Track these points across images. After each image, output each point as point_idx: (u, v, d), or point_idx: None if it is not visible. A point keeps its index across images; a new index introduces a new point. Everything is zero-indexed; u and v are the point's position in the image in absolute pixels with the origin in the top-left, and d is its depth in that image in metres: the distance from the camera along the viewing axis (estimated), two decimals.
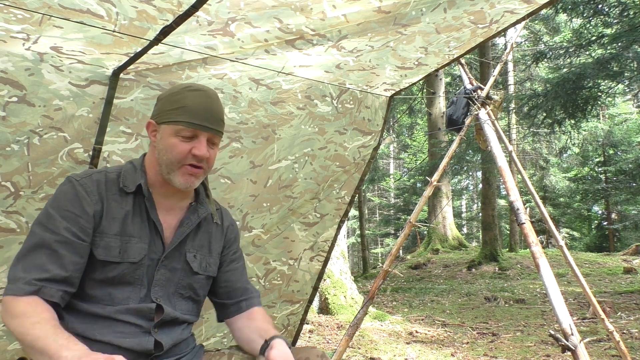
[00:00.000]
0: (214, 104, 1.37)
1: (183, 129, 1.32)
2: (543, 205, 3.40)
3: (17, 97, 1.63)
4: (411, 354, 4.50)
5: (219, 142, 1.41)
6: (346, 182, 2.66)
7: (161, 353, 1.33)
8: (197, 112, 1.33)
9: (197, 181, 1.38)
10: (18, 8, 1.39)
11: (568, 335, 2.10)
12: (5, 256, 1.79)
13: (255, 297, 1.56)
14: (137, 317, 1.31)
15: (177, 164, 1.33)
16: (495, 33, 1.96)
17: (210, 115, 1.34)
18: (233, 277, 1.54)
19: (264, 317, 1.51)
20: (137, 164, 1.41)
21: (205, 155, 1.34)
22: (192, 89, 1.37)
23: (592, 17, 7.67)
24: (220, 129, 1.38)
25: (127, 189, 1.35)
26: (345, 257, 6.83)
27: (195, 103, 1.33)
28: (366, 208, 22.22)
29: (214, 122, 1.35)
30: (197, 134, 1.33)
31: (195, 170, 1.35)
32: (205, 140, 1.34)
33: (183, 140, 1.33)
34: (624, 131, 14.38)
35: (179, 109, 1.33)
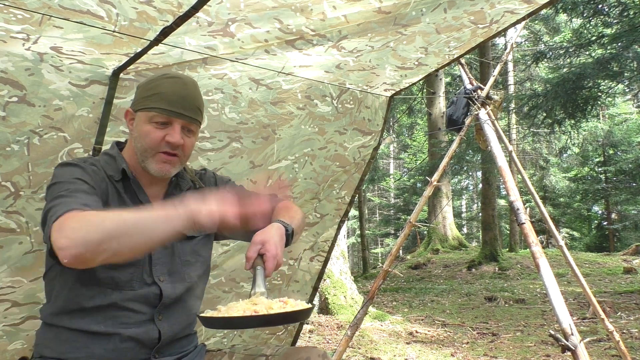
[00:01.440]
0: (190, 92, 1.35)
1: (156, 115, 1.31)
2: (543, 205, 3.40)
3: (17, 97, 1.63)
4: (411, 354, 4.50)
5: (196, 130, 1.39)
6: (346, 182, 2.67)
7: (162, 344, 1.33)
8: (171, 98, 1.32)
9: (172, 169, 1.36)
10: (18, 8, 1.39)
11: (568, 335, 2.10)
12: (5, 256, 1.79)
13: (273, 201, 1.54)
14: (141, 303, 1.30)
15: (151, 151, 1.33)
16: (495, 33, 1.96)
17: (185, 102, 1.33)
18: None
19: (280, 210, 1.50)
20: (115, 153, 1.40)
21: (179, 142, 1.32)
22: (169, 77, 1.36)
23: (592, 17, 7.67)
24: (195, 117, 1.36)
25: (115, 177, 1.35)
26: (345, 257, 6.83)
27: (170, 90, 1.33)
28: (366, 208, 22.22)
29: (188, 109, 1.34)
30: (171, 121, 1.32)
31: (170, 158, 1.34)
32: (180, 128, 1.33)
33: (157, 127, 1.32)
34: (624, 131, 14.38)
35: (154, 96, 1.32)
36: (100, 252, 1.04)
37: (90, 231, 1.05)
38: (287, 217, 1.41)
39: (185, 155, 1.38)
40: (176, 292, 1.36)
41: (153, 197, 1.41)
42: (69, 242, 1.05)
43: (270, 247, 1.25)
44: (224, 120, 2.11)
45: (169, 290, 1.34)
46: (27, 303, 1.89)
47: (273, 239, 1.27)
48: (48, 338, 1.30)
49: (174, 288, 1.36)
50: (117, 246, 1.05)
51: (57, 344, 1.28)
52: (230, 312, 1.12)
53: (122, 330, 1.27)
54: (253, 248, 1.26)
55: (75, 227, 1.07)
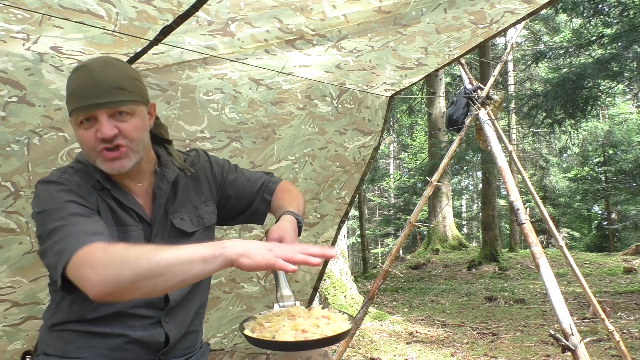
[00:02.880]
0: (97, 76, 1.19)
1: (78, 116, 1.20)
2: (543, 205, 3.40)
3: (17, 97, 1.62)
4: (411, 354, 4.50)
5: (132, 110, 1.23)
6: (346, 182, 2.66)
7: (168, 348, 1.32)
8: (80, 93, 1.19)
9: (125, 161, 1.23)
10: (18, 8, 1.39)
11: (568, 335, 2.10)
12: (5, 256, 1.79)
13: (270, 181, 1.54)
14: (147, 308, 1.28)
15: (93, 153, 1.22)
16: (495, 33, 1.96)
17: (96, 89, 1.18)
18: (242, 187, 1.51)
19: (282, 194, 1.48)
20: (86, 161, 1.30)
21: (109, 134, 1.18)
22: (75, 70, 1.24)
23: (592, 17, 7.67)
24: (116, 98, 1.19)
25: (96, 187, 1.27)
26: (345, 257, 6.83)
27: (77, 84, 1.20)
28: (366, 208, 22.21)
29: (103, 95, 1.18)
30: (94, 115, 1.19)
31: (113, 153, 1.21)
32: (105, 118, 1.19)
33: (86, 129, 1.20)
34: (624, 131, 14.38)
35: (69, 97, 1.22)
36: (132, 290, 1.01)
37: (123, 270, 1.00)
38: (294, 205, 1.39)
39: (132, 141, 1.23)
40: (182, 292, 1.34)
41: (140, 195, 1.34)
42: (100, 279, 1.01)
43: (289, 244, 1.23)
44: (224, 120, 2.10)
45: (174, 294, 1.32)
46: (27, 303, 1.89)
47: (289, 234, 1.25)
48: (52, 337, 1.29)
49: (178, 291, 1.33)
50: (151, 287, 1.01)
51: (61, 343, 1.27)
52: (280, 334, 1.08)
53: (129, 332, 1.26)
54: None
55: (106, 264, 1.02)
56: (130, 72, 1.28)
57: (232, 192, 1.50)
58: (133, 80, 1.26)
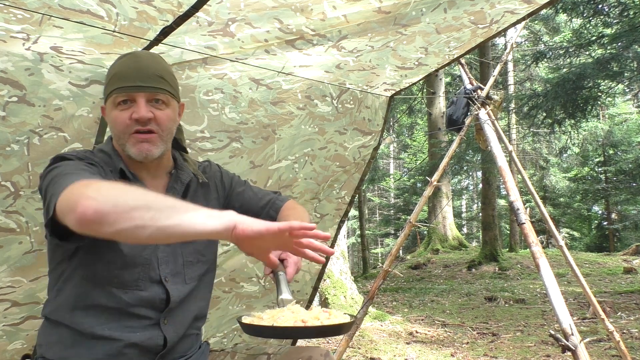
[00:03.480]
0: (144, 62, 1.27)
1: (117, 97, 1.25)
2: (543, 205, 3.40)
3: (17, 97, 1.62)
4: (411, 354, 4.50)
5: (167, 100, 1.29)
6: (346, 182, 2.66)
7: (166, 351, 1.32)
8: (125, 74, 1.25)
9: (153, 148, 1.27)
10: (18, 8, 1.39)
11: (568, 335, 2.10)
12: (5, 256, 1.79)
13: (277, 199, 1.55)
14: (148, 308, 1.28)
15: (125, 135, 1.26)
16: (495, 33, 1.96)
17: (141, 73, 1.25)
18: (248, 201, 1.52)
19: (288, 210, 1.48)
20: (109, 150, 1.33)
21: (146, 116, 1.24)
22: (122, 57, 1.31)
23: (592, 17, 7.68)
24: (157, 85, 1.26)
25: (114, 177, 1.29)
26: (345, 257, 6.83)
27: (123, 67, 1.27)
28: (366, 208, 22.21)
29: (147, 80, 1.25)
30: (133, 97, 1.25)
31: (145, 136, 1.25)
32: (144, 101, 1.25)
33: (122, 109, 1.25)
34: (624, 131, 14.38)
35: (111, 79, 1.27)
36: (128, 218, 0.92)
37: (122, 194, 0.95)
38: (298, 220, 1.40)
39: (162, 129, 1.28)
40: (181, 293, 1.34)
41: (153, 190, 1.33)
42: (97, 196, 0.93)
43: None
44: (224, 120, 2.11)
45: (175, 292, 1.32)
46: (27, 303, 1.89)
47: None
48: (52, 341, 1.29)
49: (178, 290, 1.34)
50: (148, 219, 0.92)
51: (60, 347, 1.26)
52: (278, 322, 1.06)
53: (127, 335, 1.25)
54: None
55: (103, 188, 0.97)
56: (170, 68, 1.36)
57: (238, 204, 1.51)
58: (172, 76, 1.34)
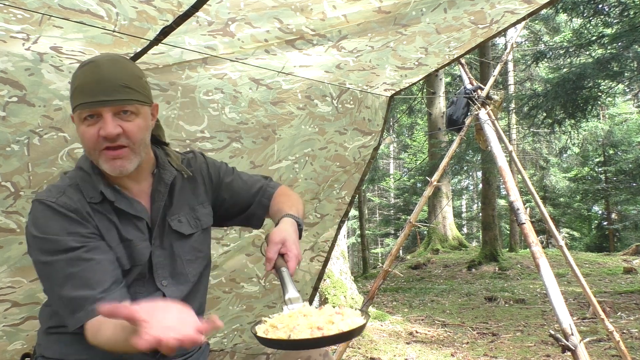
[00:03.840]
0: (106, 72, 1.17)
1: (82, 112, 1.17)
2: (543, 205, 3.40)
3: (17, 97, 1.62)
4: (411, 354, 4.50)
5: (137, 110, 1.21)
6: (346, 182, 2.66)
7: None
8: (87, 88, 1.16)
9: (127, 163, 1.21)
10: (18, 8, 1.39)
11: (568, 335, 2.10)
12: (5, 256, 1.79)
13: (268, 186, 1.52)
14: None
15: (95, 152, 1.19)
16: (495, 33, 1.96)
17: (102, 85, 1.16)
18: (238, 191, 1.49)
19: (280, 197, 1.46)
20: (87, 167, 1.27)
21: (113, 132, 1.16)
22: (82, 65, 1.21)
23: (592, 17, 7.68)
24: (122, 97, 1.17)
25: (94, 199, 1.23)
26: (345, 257, 6.83)
27: (85, 79, 1.17)
28: (366, 208, 22.21)
29: (111, 92, 1.16)
30: (98, 112, 1.16)
31: (116, 152, 1.19)
32: (110, 116, 1.16)
33: (89, 125, 1.17)
34: (624, 131, 14.38)
35: (74, 92, 1.19)
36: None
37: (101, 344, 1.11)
38: (293, 208, 1.38)
39: (134, 142, 1.20)
40: (181, 294, 1.32)
41: (141, 197, 1.32)
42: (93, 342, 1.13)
43: (291, 247, 1.22)
44: (224, 120, 2.10)
45: (174, 294, 1.31)
46: (27, 303, 1.89)
47: (291, 237, 1.24)
48: (51, 340, 1.29)
49: (178, 291, 1.32)
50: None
51: (60, 345, 1.26)
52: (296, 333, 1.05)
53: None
54: (274, 248, 1.21)
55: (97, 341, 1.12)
56: (137, 71, 1.26)
57: (228, 195, 1.48)
58: (139, 80, 1.24)
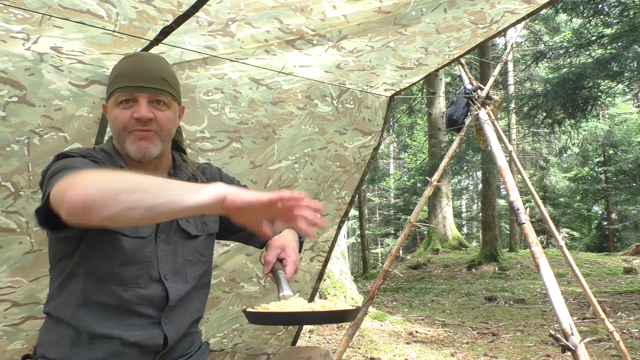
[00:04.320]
0: (149, 64, 1.30)
1: (119, 96, 1.27)
2: (543, 205, 3.40)
3: (17, 97, 1.62)
4: (411, 354, 4.50)
5: (169, 102, 1.32)
6: (346, 182, 2.66)
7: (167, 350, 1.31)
8: (128, 74, 1.28)
9: (152, 146, 1.29)
10: (18, 8, 1.39)
11: (568, 335, 2.10)
12: (5, 256, 1.79)
13: None
14: (148, 306, 1.28)
15: (124, 132, 1.28)
16: (495, 33, 1.96)
17: (144, 74, 1.28)
18: None
19: None
20: (109, 149, 1.35)
21: (147, 116, 1.26)
22: (126, 57, 1.33)
23: (592, 17, 7.68)
24: (159, 87, 1.29)
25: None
26: (345, 257, 6.83)
27: (127, 67, 1.29)
28: (366, 208, 22.21)
29: (149, 81, 1.28)
30: (135, 97, 1.27)
31: (144, 134, 1.27)
32: (145, 101, 1.27)
33: (123, 108, 1.28)
34: (624, 131, 14.38)
35: (114, 79, 1.30)
36: (115, 202, 0.94)
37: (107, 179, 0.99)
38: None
39: (162, 129, 1.30)
40: (180, 293, 1.34)
41: None
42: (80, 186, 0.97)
43: (290, 252, 1.25)
44: (224, 120, 2.10)
45: (174, 291, 1.32)
46: (27, 303, 1.89)
47: (291, 244, 1.27)
48: (52, 340, 1.29)
49: (177, 289, 1.33)
50: (135, 200, 0.94)
51: (60, 346, 1.26)
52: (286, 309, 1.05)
53: (127, 333, 1.25)
54: (273, 252, 1.24)
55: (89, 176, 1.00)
56: (173, 71, 1.38)
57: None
58: (175, 79, 1.36)
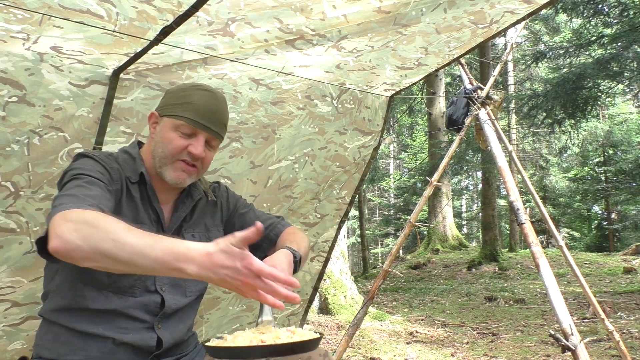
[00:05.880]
0: (220, 107, 1.38)
1: (184, 125, 1.32)
2: (543, 205, 3.40)
3: (17, 97, 1.62)
4: (411, 354, 4.50)
5: (217, 145, 1.41)
6: (346, 182, 2.66)
7: (161, 351, 1.33)
8: (200, 110, 1.33)
9: (188, 179, 1.36)
10: (18, 8, 1.39)
11: (568, 335, 2.10)
12: (5, 256, 1.79)
13: (279, 223, 1.58)
14: (142, 311, 1.30)
15: (172, 158, 1.33)
16: (495, 33, 1.96)
17: (214, 116, 1.35)
18: (249, 222, 1.54)
19: (287, 235, 1.52)
20: (134, 154, 1.40)
21: (201, 155, 1.34)
22: (201, 89, 1.38)
23: (592, 17, 7.68)
24: (221, 132, 1.39)
25: (132, 179, 1.35)
26: (345, 257, 6.83)
27: (201, 102, 1.34)
28: (366, 208, 22.21)
29: (216, 124, 1.36)
30: (197, 132, 1.33)
31: (188, 168, 1.35)
32: (204, 140, 1.34)
33: (181, 136, 1.33)
34: (624, 131, 14.39)
35: (184, 105, 1.34)
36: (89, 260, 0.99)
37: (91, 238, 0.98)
38: (294, 244, 1.42)
39: (203, 168, 1.39)
40: (177, 304, 1.36)
41: (164, 203, 1.41)
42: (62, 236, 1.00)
43: None
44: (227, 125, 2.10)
45: (171, 301, 1.34)
46: (27, 303, 1.89)
47: (281, 265, 1.27)
48: (47, 339, 1.30)
49: (175, 300, 1.36)
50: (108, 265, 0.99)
51: (56, 345, 1.28)
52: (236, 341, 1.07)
53: (119, 335, 1.27)
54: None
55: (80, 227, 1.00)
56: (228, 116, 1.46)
57: (239, 225, 1.56)
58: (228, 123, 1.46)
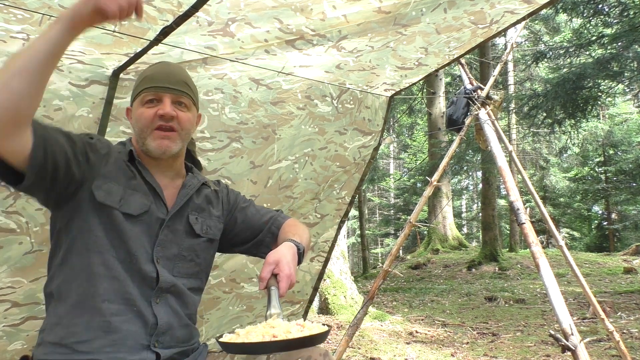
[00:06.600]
0: (174, 69, 1.44)
1: (146, 95, 1.38)
2: (543, 205, 3.40)
3: None
4: (411, 354, 4.50)
5: (189, 104, 1.42)
6: (346, 182, 2.66)
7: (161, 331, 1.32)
8: (155, 77, 1.39)
9: (172, 144, 1.38)
10: (18, 8, 1.39)
11: (568, 335, 2.10)
12: (5, 256, 1.79)
13: (279, 216, 1.60)
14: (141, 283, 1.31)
15: (148, 130, 1.37)
16: (495, 33, 1.96)
17: (170, 76, 1.39)
18: (250, 217, 1.59)
19: (289, 227, 1.54)
20: (126, 142, 1.47)
21: (170, 113, 1.36)
22: (153, 64, 1.47)
23: (592, 17, 7.68)
24: (183, 89, 1.40)
25: (124, 158, 1.40)
26: (345, 257, 6.83)
27: (155, 70, 1.41)
28: (366, 208, 22.21)
29: (174, 83, 1.39)
30: (160, 97, 1.37)
31: (166, 133, 1.37)
32: (169, 101, 1.37)
33: (149, 107, 1.37)
34: (624, 131, 14.39)
35: (142, 81, 1.41)
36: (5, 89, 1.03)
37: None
38: (297, 236, 1.44)
39: (182, 128, 1.40)
40: (168, 280, 1.37)
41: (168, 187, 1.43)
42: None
43: (284, 267, 1.27)
44: (224, 120, 2.11)
45: (165, 275, 1.35)
46: (27, 303, 1.89)
47: (286, 258, 1.29)
48: (51, 322, 1.31)
49: (166, 276, 1.36)
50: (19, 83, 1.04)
51: (59, 327, 1.29)
52: (249, 337, 1.11)
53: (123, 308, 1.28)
54: (267, 268, 1.28)
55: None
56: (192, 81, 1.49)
57: (240, 219, 1.58)
58: (194, 87, 1.48)
